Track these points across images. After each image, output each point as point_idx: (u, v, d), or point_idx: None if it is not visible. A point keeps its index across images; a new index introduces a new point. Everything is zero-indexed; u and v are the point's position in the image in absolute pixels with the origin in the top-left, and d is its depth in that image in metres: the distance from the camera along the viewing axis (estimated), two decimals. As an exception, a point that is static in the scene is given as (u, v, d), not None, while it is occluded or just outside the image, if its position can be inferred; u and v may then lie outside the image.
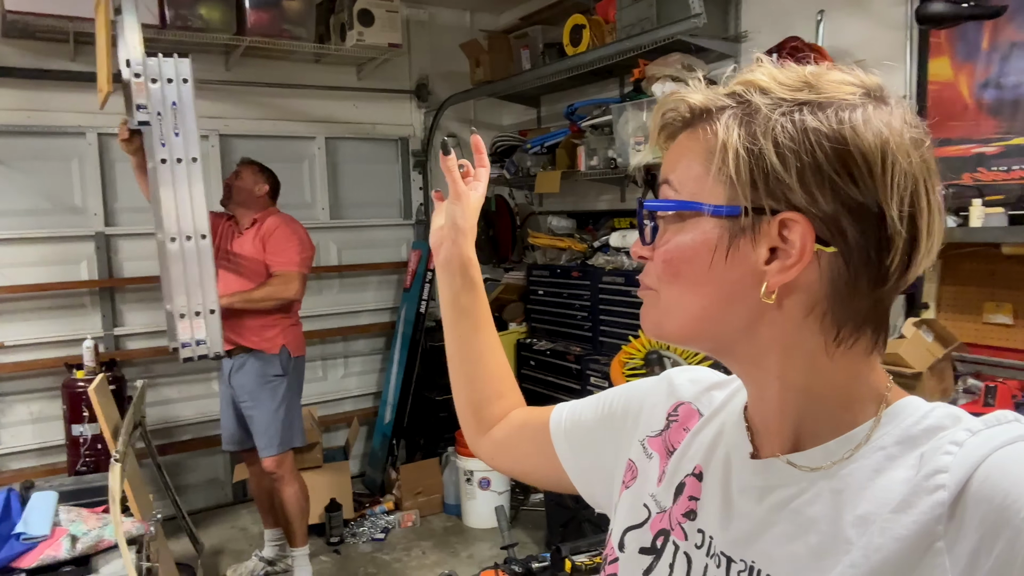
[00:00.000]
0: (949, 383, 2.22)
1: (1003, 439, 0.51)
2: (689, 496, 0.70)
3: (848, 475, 0.57)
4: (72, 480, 2.94)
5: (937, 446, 0.54)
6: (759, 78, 0.59)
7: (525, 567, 2.23)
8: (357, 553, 3.74)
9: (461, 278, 0.96)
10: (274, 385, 3.24)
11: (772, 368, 0.61)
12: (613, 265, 3.61)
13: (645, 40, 3.13)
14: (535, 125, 4.64)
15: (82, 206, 3.87)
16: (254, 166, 3.42)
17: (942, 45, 2.49)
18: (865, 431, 0.58)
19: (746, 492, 0.64)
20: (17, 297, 3.71)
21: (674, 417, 0.77)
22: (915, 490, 0.53)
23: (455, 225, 0.93)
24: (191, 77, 2.61)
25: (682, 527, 0.69)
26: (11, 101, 3.65)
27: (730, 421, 0.71)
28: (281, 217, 3.37)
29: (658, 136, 0.66)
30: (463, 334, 0.98)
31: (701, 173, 0.60)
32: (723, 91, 0.61)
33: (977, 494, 0.49)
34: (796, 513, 0.59)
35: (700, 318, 0.62)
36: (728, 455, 0.68)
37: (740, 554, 0.62)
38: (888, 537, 0.52)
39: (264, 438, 3.22)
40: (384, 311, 4.77)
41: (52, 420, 3.69)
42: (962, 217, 2.30)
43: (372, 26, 3.97)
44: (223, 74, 4.15)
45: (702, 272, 0.60)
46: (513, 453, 0.96)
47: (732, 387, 0.76)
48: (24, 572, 2.11)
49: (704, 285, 0.61)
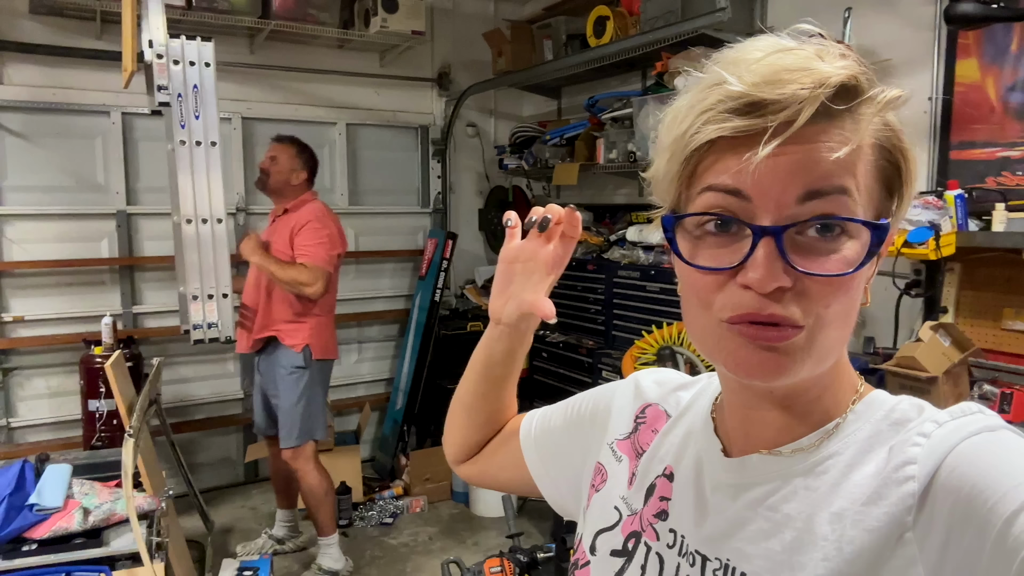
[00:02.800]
0: (964, 388, 2.20)
1: (969, 430, 0.52)
2: (660, 497, 0.69)
3: (823, 472, 0.57)
4: (87, 454, 2.99)
5: (905, 438, 0.54)
6: (856, 66, 0.53)
7: (530, 556, 2.24)
8: (365, 536, 3.77)
9: (504, 353, 0.85)
10: (296, 377, 3.17)
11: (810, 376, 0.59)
12: (629, 259, 3.60)
13: (669, 33, 3.10)
14: (555, 116, 4.63)
15: (104, 184, 3.91)
16: (292, 147, 3.24)
17: (970, 46, 2.45)
18: (836, 423, 0.59)
19: (720, 490, 0.64)
20: (38, 272, 3.76)
21: (642, 419, 0.77)
22: (885, 482, 0.53)
23: (527, 302, 0.78)
24: (213, 61, 2.62)
25: (653, 528, 0.68)
26: (37, 78, 3.69)
27: (698, 421, 0.70)
28: (315, 207, 3.21)
29: (800, 111, 0.50)
30: (483, 391, 0.89)
31: (872, 182, 0.54)
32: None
33: (946, 485, 0.50)
34: (772, 510, 0.59)
35: (838, 354, 0.58)
36: (699, 454, 0.68)
37: (715, 552, 0.62)
38: (860, 529, 0.53)
39: (284, 428, 3.19)
40: (399, 298, 4.78)
41: (69, 395, 3.74)
42: (984, 221, 2.27)
43: (396, 13, 3.97)
44: (247, 57, 4.17)
45: (857, 300, 0.55)
46: (491, 470, 0.94)
47: (697, 387, 0.75)
48: (36, 542, 2.15)
49: (854, 311, 0.56)
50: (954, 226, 2.22)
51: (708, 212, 0.54)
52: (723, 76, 0.53)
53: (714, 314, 0.55)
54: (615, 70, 3.92)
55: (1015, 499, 0.45)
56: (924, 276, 2.43)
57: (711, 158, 0.54)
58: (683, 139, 0.55)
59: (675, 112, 0.58)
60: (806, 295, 0.52)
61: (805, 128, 0.51)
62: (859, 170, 0.53)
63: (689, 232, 0.57)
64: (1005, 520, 0.45)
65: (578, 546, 0.76)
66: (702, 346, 0.59)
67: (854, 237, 0.53)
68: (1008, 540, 0.45)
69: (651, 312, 3.38)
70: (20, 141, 3.70)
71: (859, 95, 0.52)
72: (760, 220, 0.52)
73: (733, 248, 0.54)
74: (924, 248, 2.20)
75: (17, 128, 3.69)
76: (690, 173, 0.56)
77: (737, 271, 0.53)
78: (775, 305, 0.52)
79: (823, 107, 0.51)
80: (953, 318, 2.44)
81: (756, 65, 0.52)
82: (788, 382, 0.55)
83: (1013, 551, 0.44)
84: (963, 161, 2.46)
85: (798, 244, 0.52)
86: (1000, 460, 0.49)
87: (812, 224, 0.52)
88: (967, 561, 0.47)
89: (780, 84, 0.51)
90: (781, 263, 0.51)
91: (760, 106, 0.51)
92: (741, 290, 0.53)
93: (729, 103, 0.52)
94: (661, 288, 3.36)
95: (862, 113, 0.53)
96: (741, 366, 0.55)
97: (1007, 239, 2.20)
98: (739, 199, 0.53)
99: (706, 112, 0.53)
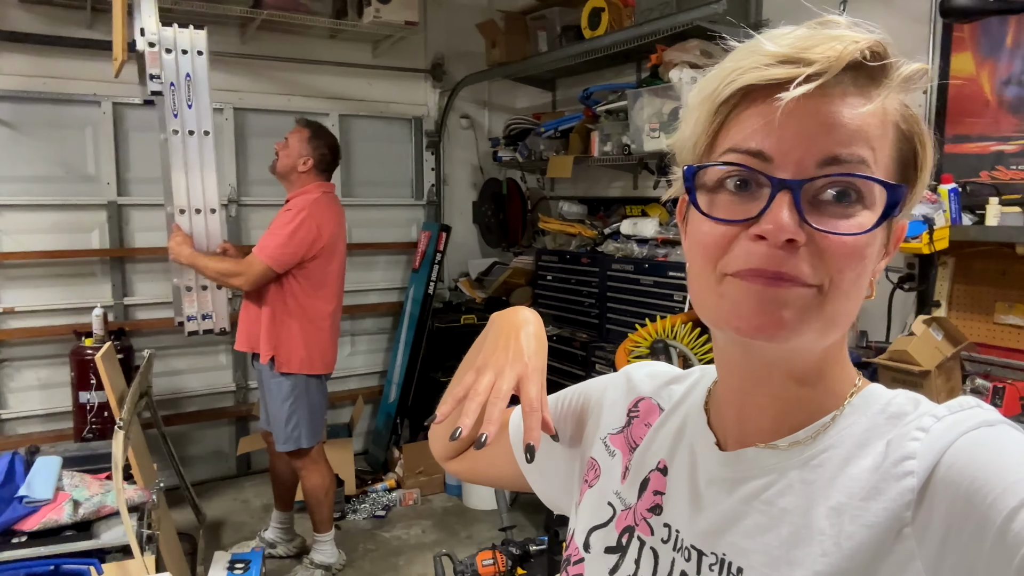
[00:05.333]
0: (957, 382, 2.20)
1: (968, 425, 0.52)
2: (654, 491, 0.69)
3: (819, 465, 0.57)
4: (77, 446, 2.98)
5: (903, 432, 0.54)
6: (883, 38, 0.54)
7: (522, 549, 2.24)
8: (357, 529, 3.77)
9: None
10: (278, 381, 3.05)
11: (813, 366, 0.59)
12: (623, 253, 3.59)
13: (664, 25, 3.09)
14: (550, 109, 4.60)
15: (95, 175, 3.88)
16: (306, 131, 3.05)
17: (965, 40, 2.44)
18: (833, 415, 0.59)
19: (716, 484, 0.63)
20: (28, 264, 3.74)
21: (635, 413, 0.76)
22: (884, 477, 0.53)
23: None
24: (206, 49, 2.61)
25: (647, 522, 0.68)
26: (27, 67, 3.65)
27: (692, 414, 0.70)
28: (306, 199, 2.99)
29: (821, 77, 0.51)
30: None
31: (889, 161, 0.55)
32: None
33: (944, 479, 0.50)
34: (768, 504, 0.58)
35: (845, 329, 0.57)
36: (693, 448, 0.67)
37: (710, 547, 0.61)
38: (859, 524, 0.53)
39: (274, 430, 3.12)
40: (392, 291, 4.77)
41: (60, 386, 3.72)
42: (978, 215, 2.27)
43: (389, 3, 3.94)
44: (239, 47, 4.14)
45: (869, 269, 0.55)
46: (480, 466, 0.91)
47: (690, 380, 0.75)
48: (26, 535, 2.14)
49: (864, 286, 0.56)
50: (948, 220, 2.22)
51: (731, 163, 0.55)
52: (760, 42, 0.54)
53: (719, 269, 0.55)
54: (610, 62, 3.90)
55: (1015, 495, 0.45)
56: (917, 270, 2.44)
57: (739, 110, 0.55)
58: (715, 93, 0.56)
59: (707, 80, 0.58)
60: (818, 255, 0.52)
61: (832, 87, 0.52)
62: (878, 145, 0.54)
63: (707, 187, 0.57)
64: (1005, 516, 0.45)
65: (570, 542, 0.75)
66: (702, 305, 0.58)
67: (868, 208, 0.53)
68: (1008, 536, 0.44)
69: (645, 305, 3.37)
70: (10, 131, 3.67)
71: (886, 63, 0.54)
72: (779, 176, 0.53)
73: (749, 205, 0.54)
74: (917, 242, 2.19)
75: (7, 118, 3.66)
76: (717, 128, 0.57)
77: (750, 225, 0.53)
78: (786, 260, 0.52)
79: (852, 69, 0.52)
80: (946, 312, 2.44)
81: (789, 36, 0.54)
82: (791, 344, 0.54)
83: (1013, 547, 0.44)
84: (957, 155, 2.46)
85: (815, 205, 0.53)
86: (999, 455, 0.49)
87: (830, 185, 0.52)
88: (966, 557, 0.47)
89: (813, 47, 0.52)
90: (796, 217, 0.51)
91: (794, 61, 0.52)
92: (752, 243, 0.53)
93: (765, 60, 0.53)
94: (655, 281, 3.36)
95: (886, 83, 0.54)
96: (744, 320, 0.54)
97: (1001, 233, 2.20)
98: (761, 160, 0.53)
99: (740, 68, 0.54)
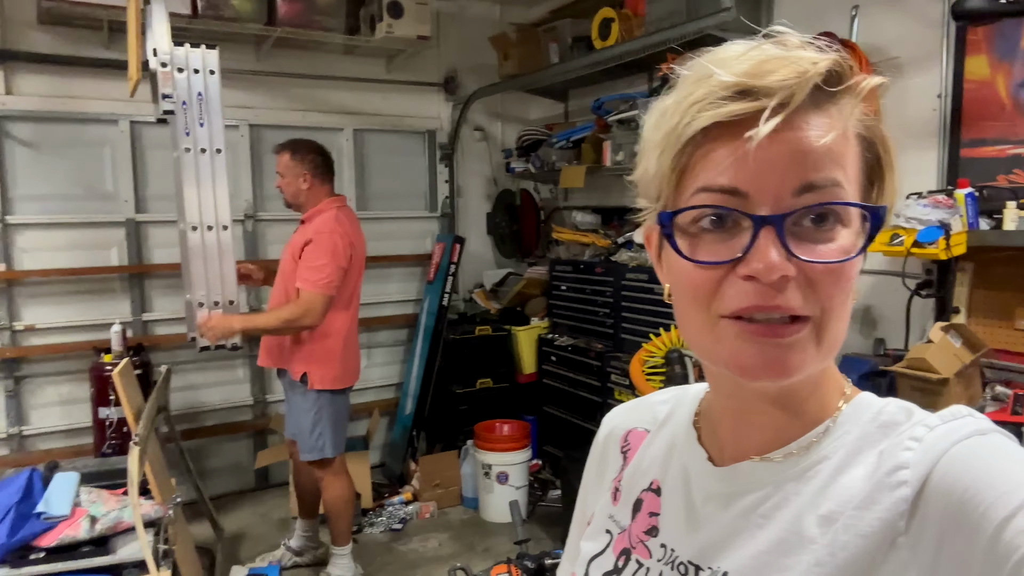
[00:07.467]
0: (976, 390, 2.16)
1: (960, 434, 0.52)
2: (649, 512, 0.68)
3: (813, 476, 0.57)
4: (96, 462, 3.00)
5: (896, 442, 0.54)
6: (839, 56, 0.53)
7: (537, 563, 2.22)
8: (374, 542, 3.76)
9: None
10: (302, 392, 3.09)
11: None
12: (637, 262, 3.57)
13: (674, 34, 3.08)
14: (562, 119, 4.61)
15: (113, 192, 3.93)
16: (286, 153, 3.10)
17: (980, 43, 2.42)
18: (826, 426, 0.58)
19: (712, 500, 0.63)
20: (48, 281, 3.78)
21: (627, 447, 0.76)
22: (877, 486, 0.52)
23: None
24: (218, 68, 2.63)
25: (645, 545, 0.67)
26: (45, 87, 3.71)
27: (680, 432, 0.69)
28: (324, 220, 3.03)
29: (791, 99, 0.50)
30: None
31: (857, 172, 0.55)
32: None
33: (938, 489, 0.50)
34: (764, 518, 0.58)
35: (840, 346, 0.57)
36: (685, 466, 0.67)
37: (708, 562, 0.61)
38: (852, 534, 0.52)
39: (299, 439, 3.15)
40: (407, 303, 4.78)
41: (80, 402, 3.75)
42: (995, 220, 2.24)
43: (402, 18, 3.97)
44: (253, 64, 4.18)
45: (854, 284, 0.55)
46: None
47: (673, 399, 0.74)
48: (44, 551, 2.15)
49: (851, 301, 0.55)
50: (965, 225, 2.19)
51: (707, 205, 0.53)
52: (710, 70, 0.53)
53: (712, 311, 0.54)
54: (621, 72, 3.90)
55: (1007, 504, 0.45)
56: (935, 276, 2.40)
57: (705, 148, 0.53)
58: (676, 131, 0.54)
59: (662, 109, 0.57)
60: (808, 285, 0.52)
61: (795, 116, 0.51)
62: (848, 162, 0.53)
63: (684, 230, 0.56)
64: (997, 525, 0.45)
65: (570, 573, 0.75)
66: (698, 346, 0.58)
67: (848, 226, 0.53)
68: (1000, 545, 0.44)
69: (659, 315, 3.35)
70: (29, 151, 3.73)
71: (844, 83, 0.53)
72: (758, 212, 0.52)
73: (731, 243, 0.53)
74: (934, 248, 2.17)
75: (26, 138, 3.72)
76: (683, 167, 0.55)
77: (736, 265, 0.52)
78: (780, 295, 0.51)
79: (811, 94, 0.51)
80: (965, 318, 2.40)
81: (740, 59, 0.52)
82: (796, 380, 0.54)
83: (1005, 556, 0.44)
84: (973, 159, 2.43)
85: (795, 235, 0.52)
86: (991, 464, 0.49)
87: (809, 213, 0.52)
88: (960, 566, 0.47)
89: (768, 73, 0.51)
90: (784, 252, 0.51)
91: (752, 92, 0.51)
92: (743, 283, 0.52)
93: (721, 92, 0.52)
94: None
95: (846, 101, 0.53)
96: (746, 367, 0.53)
97: (1019, 237, 2.17)
98: (736, 197, 0.52)
99: (698, 103, 0.53)
